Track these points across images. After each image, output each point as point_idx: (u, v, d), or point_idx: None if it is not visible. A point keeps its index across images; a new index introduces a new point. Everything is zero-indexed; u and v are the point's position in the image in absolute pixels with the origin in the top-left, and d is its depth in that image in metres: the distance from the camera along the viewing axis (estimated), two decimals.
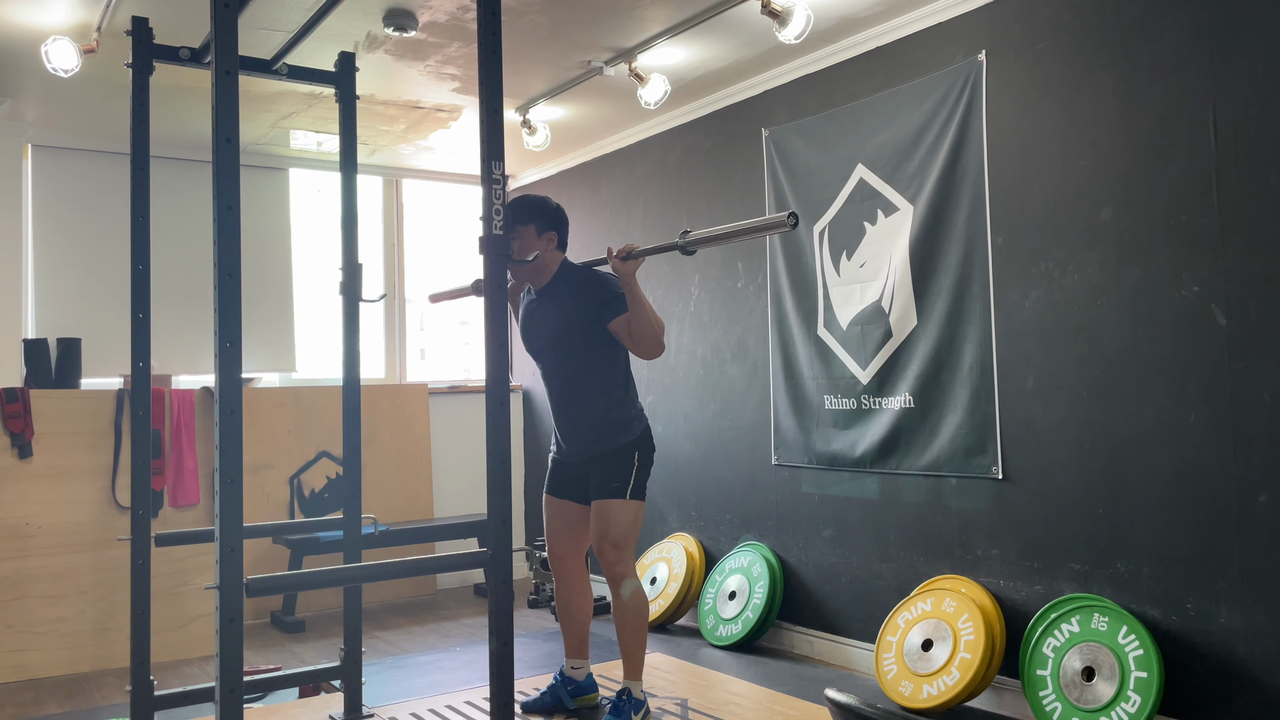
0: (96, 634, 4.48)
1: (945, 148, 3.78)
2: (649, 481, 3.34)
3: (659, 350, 3.14)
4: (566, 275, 3.26)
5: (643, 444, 3.25)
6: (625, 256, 3.03)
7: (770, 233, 2.76)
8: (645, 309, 3.09)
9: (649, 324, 3.09)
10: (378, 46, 4.12)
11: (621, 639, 3.18)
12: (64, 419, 4.56)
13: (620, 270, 3.05)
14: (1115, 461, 3.28)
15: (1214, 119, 3.03)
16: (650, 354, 3.15)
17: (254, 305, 5.60)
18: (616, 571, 3.15)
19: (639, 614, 3.16)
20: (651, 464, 3.29)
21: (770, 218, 2.71)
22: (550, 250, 3.23)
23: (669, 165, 5.24)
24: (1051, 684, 3.25)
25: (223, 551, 2.00)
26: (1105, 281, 3.30)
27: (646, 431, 3.29)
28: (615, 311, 3.14)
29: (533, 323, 3.32)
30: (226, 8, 2.07)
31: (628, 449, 3.21)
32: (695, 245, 2.94)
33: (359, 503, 3.26)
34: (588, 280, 3.22)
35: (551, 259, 3.25)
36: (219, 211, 2.04)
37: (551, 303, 3.25)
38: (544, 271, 3.25)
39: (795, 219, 2.62)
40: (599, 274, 3.24)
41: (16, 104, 4.80)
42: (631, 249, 3.04)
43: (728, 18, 3.88)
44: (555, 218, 3.25)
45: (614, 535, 3.15)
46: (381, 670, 4.25)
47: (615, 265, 3.05)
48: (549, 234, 3.22)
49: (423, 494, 5.97)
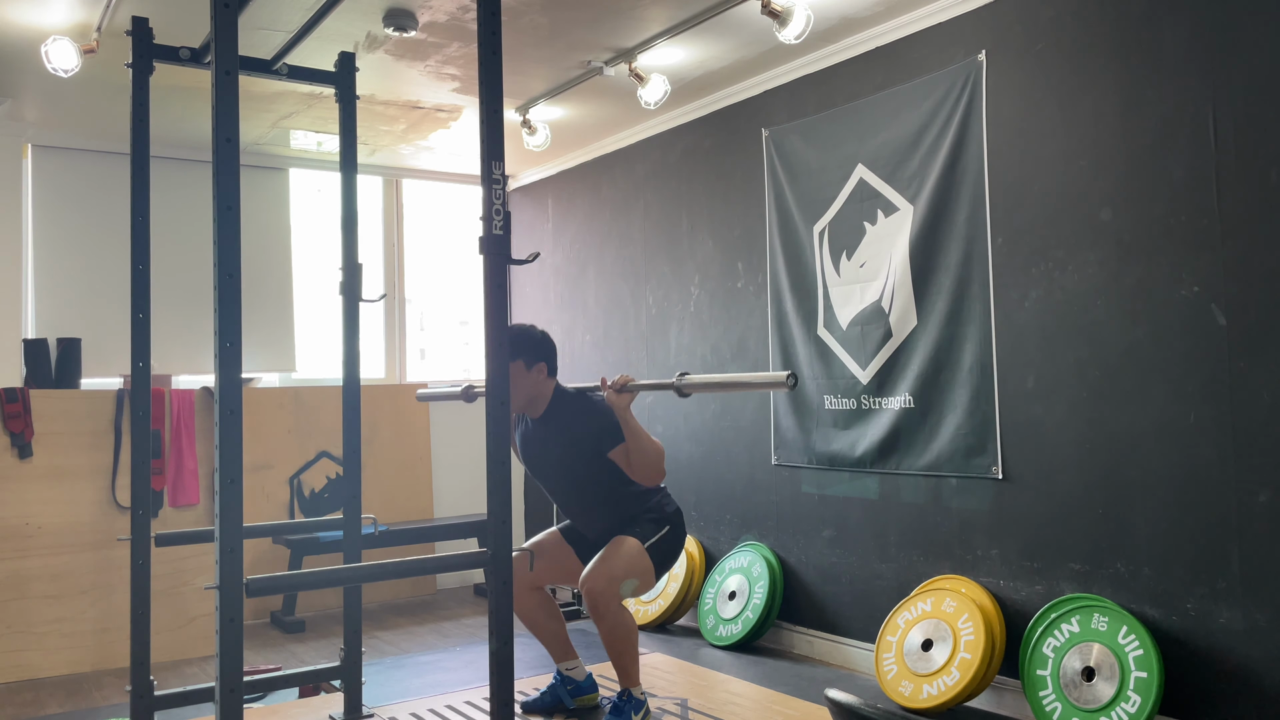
0: (96, 634, 4.48)
1: (945, 148, 3.78)
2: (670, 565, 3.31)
3: (659, 477, 3.14)
4: (561, 403, 3.25)
5: (674, 520, 3.27)
6: (620, 389, 3.04)
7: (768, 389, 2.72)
8: (642, 439, 3.08)
9: (646, 454, 3.08)
10: (378, 46, 4.12)
11: (611, 657, 3.16)
12: (64, 419, 4.55)
13: (614, 402, 3.05)
14: (1115, 461, 3.28)
15: (1214, 119, 3.03)
16: (650, 481, 3.14)
17: (254, 305, 5.60)
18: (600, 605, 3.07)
19: (625, 637, 3.13)
20: (680, 545, 3.27)
21: (771, 376, 2.67)
22: (543, 380, 3.22)
23: (669, 165, 5.24)
24: (1051, 684, 3.25)
25: (223, 551, 2.00)
26: (1105, 281, 3.30)
27: (678, 511, 3.30)
28: (613, 442, 3.13)
29: (532, 450, 3.31)
30: (226, 8, 2.07)
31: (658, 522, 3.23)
32: (690, 389, 2.91)
33: (359, 503, 3.26)
34: (583, 410, 3.21)
35: (544, 388, 3.23)
36: (219, 211, 2.04)
37: (549, 432, 3.25)
38: (539, 401, 3.24)
39: (795, 380, 2.57)
40: (594, 403, 3.22)
41: (16, 104, 4.80)
42: (626, 382, 3.04)
43: (728, 18, 3.88)
44: (542, 347, 3.22)
45: (614, 566, 3.10)
46: (381, 670, 4.25)
47: (610, 397, 3.06)
48: (539, 365, 3.20)
49: (423, 494, 5.97)
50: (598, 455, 3.16)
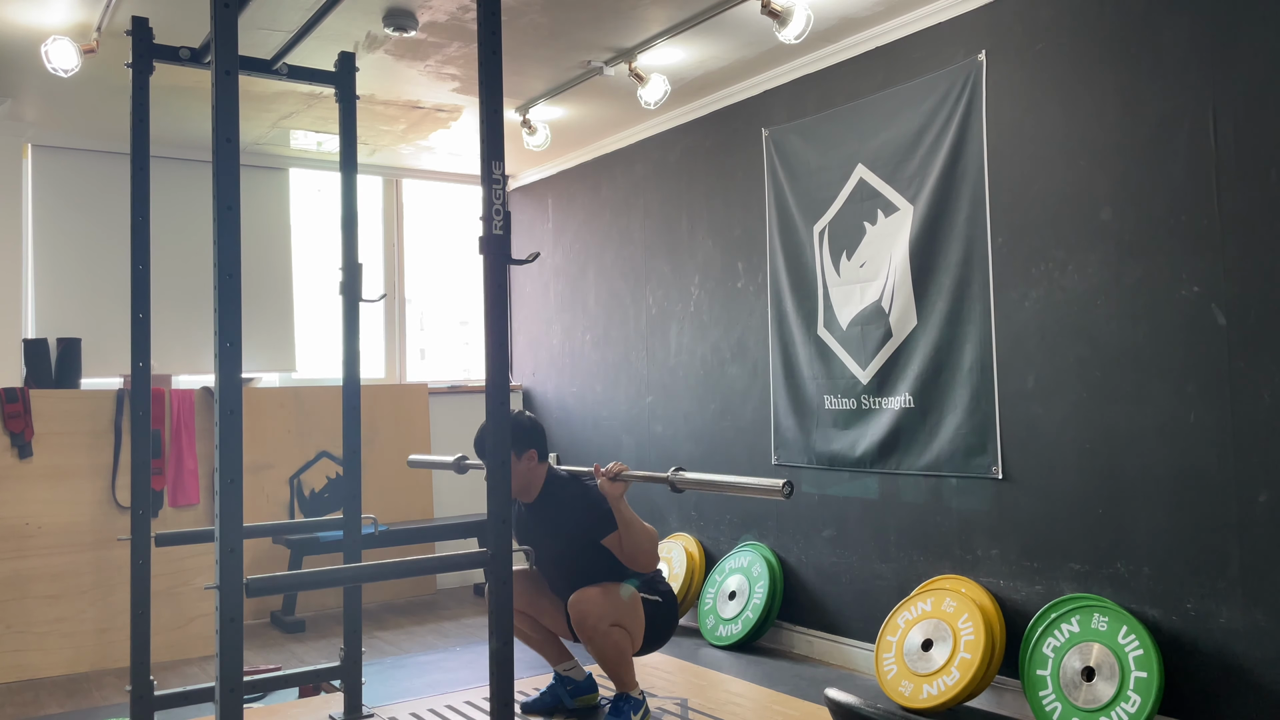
0: (96, 634, 4.48)
1: (945, 148, 3.78)
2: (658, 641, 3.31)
3: (652, 564, 3.16)
4: (554, 489, 3.27)
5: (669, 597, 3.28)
6: (613, 477, 3.05)
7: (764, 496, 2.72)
8: (635, 527, 3.10)
9: (638, 541, 3.11)
10: (378, 46, 4.12)
11: (606, 671, 3.17)
12: (64, 419, 4.55)
13: (607, 491, 3.07)
14: (1115, 461, 3.28)
15: (1214, 119, 3.03)
16: (644, 567, 3.16)
17: (254, 305, 5.60)
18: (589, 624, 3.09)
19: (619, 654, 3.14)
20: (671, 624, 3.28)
21: (766, 483, 2.63)
22: (533, 466, 3.23)
23: (669, 165, 5.23)
24: (1051, 684, 3.25)
25: (223, 551, 2.00)
26: (1105, 281, 3.30)
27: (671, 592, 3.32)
28: (607, 530, 3.14)
29: (526, 536, 3.32)
30: (226, 8, 2.07)
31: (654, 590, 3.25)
32: (684, 486, 2.90)
33: (359, 503, 3.27)
34: (576, 498, 3.22)
35: (536, 475, 3.25)
36: (219, 211, 2.04)
37: (543, 520, 3.27)
38: (531, 488, 3.26)
39: (790, 489, 2.54)
40: (586, 490, 3.23)
41: (16, 104, 4.80)
42: (619, 471, 3.05)
43: (728, 18, 3.88)
44: (530, 434, 3.22)
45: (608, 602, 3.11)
46: (381, 670, 4.25)
47: (603, 485, 3.07)
48: (528, 453, 3.21)
49: (423, 494, 5.97)
50: (591, 543, 3.17)
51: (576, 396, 5.97)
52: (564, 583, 3.29)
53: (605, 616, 3.07)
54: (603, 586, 3.13)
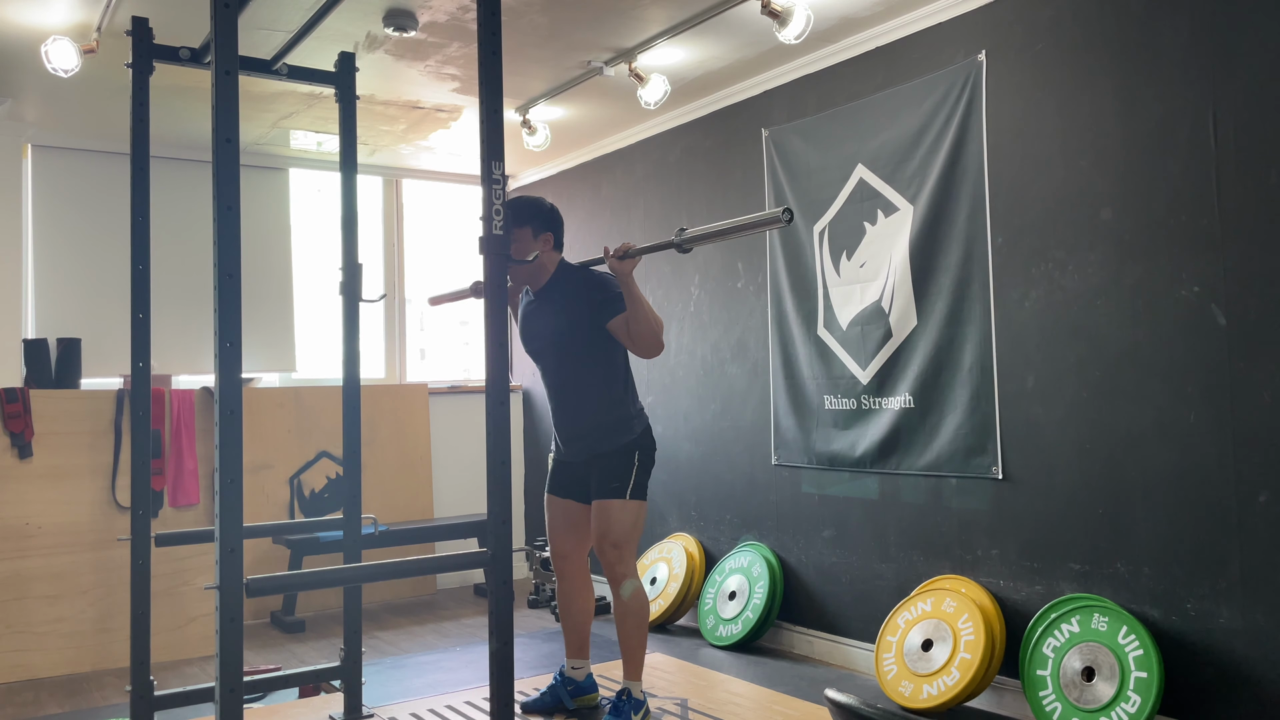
0: (96, 634, 4.48)
1: (945, 148, 3.78)
2: (650, 481, 3.34)
3: (658, 349, 3.15)
4: (564, 275, 3.26)
5: (643, 443, 3.25)
6: (622, 255, 3.04)
7: (766, 228, 2.78)
8: (644, 308, 3.09)
9: (648, 323, 3.09)
10: (378, 46, 4.12)
11: (622, 638, 3.18)
12: (64, 419, 4.56)
13: (617, 269, 3.05)
14: (1115, 462, 3.28)
15: (1214, 119, 3.03)
16: (650, 353, 3.15)
17: (254, 305, 5.59)
18: (617, 571, 3.15)
19: (639, 614, 3.16)
20: (652, 463, 3.28)
21: (766, 214, 2.70)
22: (547, 251, 3.23)
23: (669, 165, 5.24)
24: (1051, 684, 3.25)
25: (223, 551, 2.00)
26: (1105, 281, 3.30)
27: (647, 430, 3.29)
28: (614, 311, 3.14)
29: (532, 324, 3.32)
30: (226, 8, 2.07)
31: (628, 448, 3.21)
32: (691, 243, 2.94)
33: (359, 503, 3.26)
34: (586, 280, 3.22)
35: (549, 259, 3.25)
36: (219, 211, 2.04)
37: (550, 303, 3.25)
38: (542, 272, 3.25)
39: (790, 214, 2.62)
40: (597, 274, 3.24)
41: (16, 104, 4.80)
42: (628, 248, 3.04)
43: (728, 18, 3.88)
44: (550, 218, 3.25)
45: (614, 535, 3.15)
46: (381, 670, 4.25)
47: (612, 264, 3.05)
48: (545, 235, 3.22)
49: (423, 494, 5.97)
50: (596, 327, 3.16)
51: None
52: (558, 379, 3.27)
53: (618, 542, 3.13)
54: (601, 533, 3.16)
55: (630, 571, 3.16)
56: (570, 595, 3.38)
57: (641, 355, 3.17)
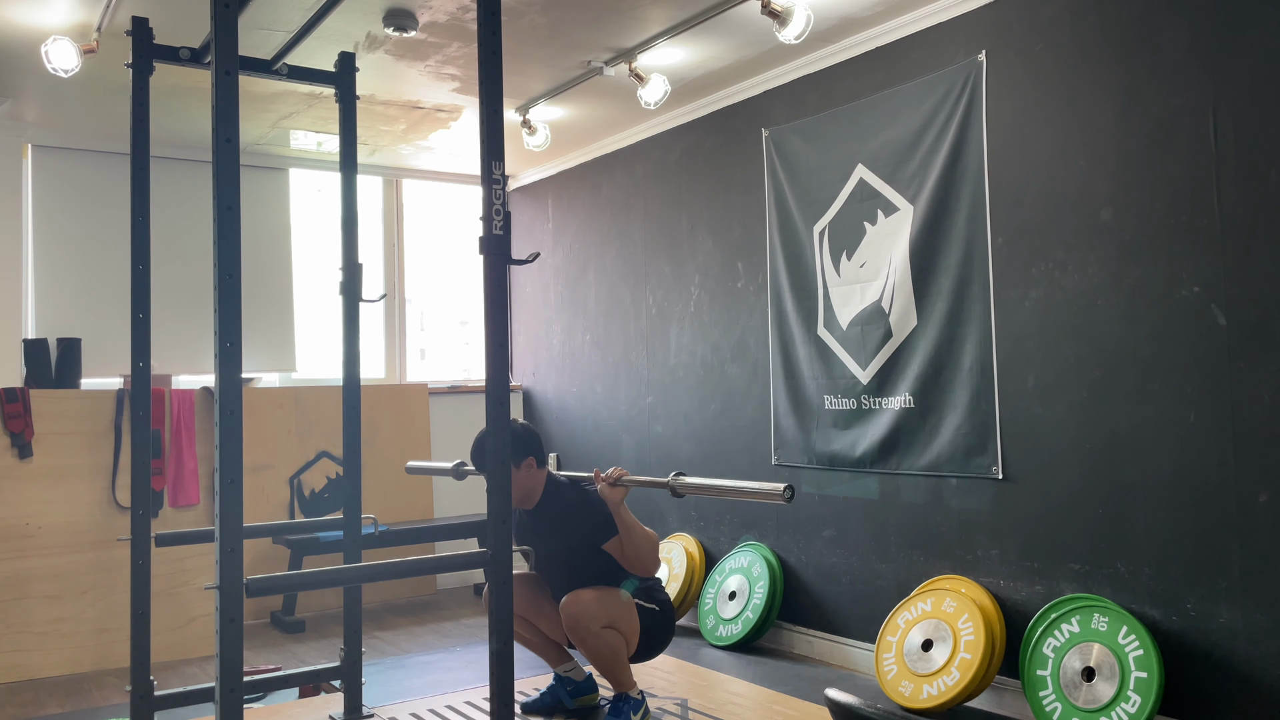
0: (96, 634, 4.48)
1: (945, 148, 3.78)
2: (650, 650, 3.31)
3: (654, 568, 3.17)
4: (554, 495, 3.25)
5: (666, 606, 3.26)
6: (613, 483, 3.05)
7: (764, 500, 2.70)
8: (635, 532, 3.11)
9: (639, 546, 3.11)
10: (378, 46, 4.12)
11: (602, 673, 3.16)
12: (64, 419, 4.55)
13: (607, 496, 3.07)
14: (1115, 461, 3.27)
15: (1214, 119, 3.03)
16: (644, 572, 3.16)
17: (254, 305, 5.60)
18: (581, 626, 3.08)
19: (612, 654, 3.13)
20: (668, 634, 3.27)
21: (767, 487, 2.59)
22: (532, 473, 3.22)
23: (669, 165, 5.23)
24: (1051, 684, 3.25)
25: (223, 551, 2.00)
26: (1105, 281, 3.30)
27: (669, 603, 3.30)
28: (607, 535, 3.14)
29: (527, 540, 3.32)
30: (226, 8, 2.07)
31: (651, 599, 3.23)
32: (684, 490, 2.88)
33: (359, 503, 3.26)
34: (577, 503, 3.21)
35: (535, 482, 3.23)
36: (219, 211, 2.04)
37: (543, 525, 3.26)
38: (531, 495, 3.24)
39: (791, 492, 2.50)
40: (587, 495, 3.22)
41: (16, 104, 4.80)
42: (619, 476, 3.05)
43: (728, 18, 3.88)
44: (525, 442, 3.20)
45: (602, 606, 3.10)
46: (381, 670, 4.25)
47: (603, 491, 3.08)
48: (526, 461, 3.19)
49: (423, 494, 5.97)
50: (592, 548, 3.17)
51: (576, 397, 5.97)
52: (565, 587, 3.28)
53: (597, 618, 3.07)
54: (596, 590, 3.13)
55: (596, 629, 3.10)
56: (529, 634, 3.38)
57: (634, 573, 3.18)
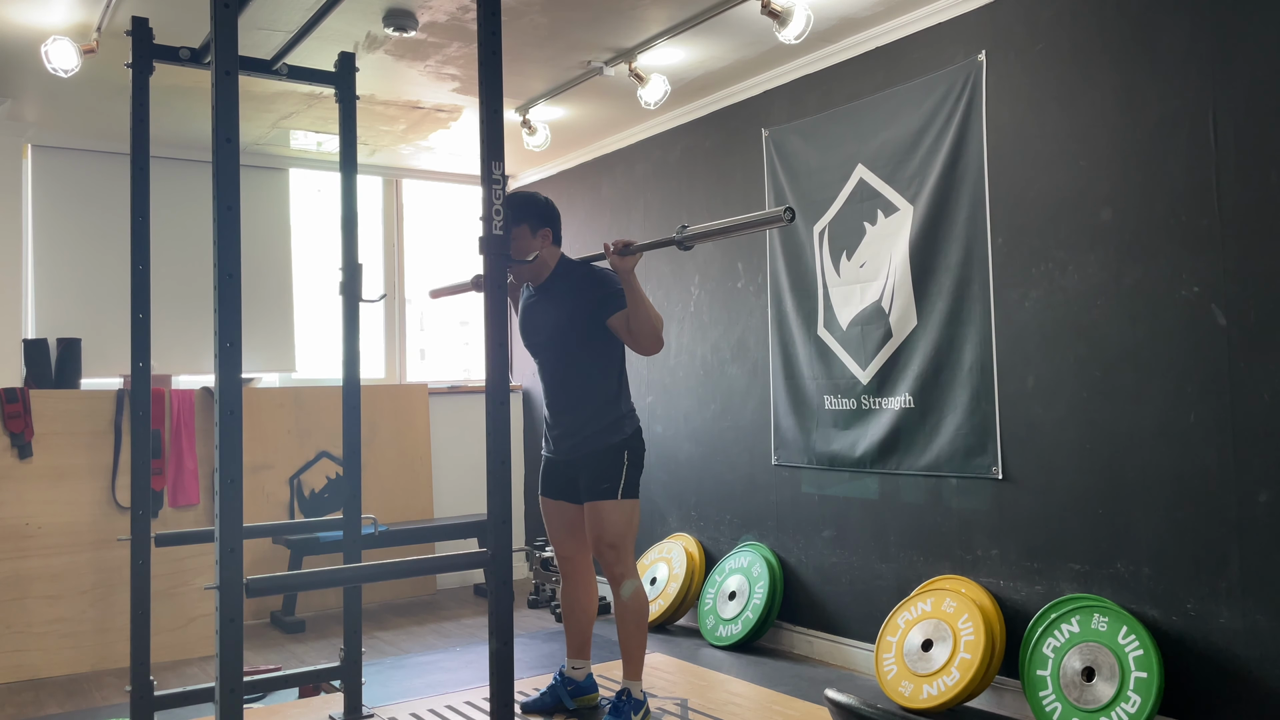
0: (96, 634, 4.48)
1: (945, 148, 3.78)
2: (651, 481, 3.33)
3: (658, 346, 3.15)
4: (565, 271, 3.26)
5: (633, 443, 3.24)
6: (623, 251, 3.03)
7: (767, 227, 2.79)
8: (644, 304, 3.09)
9: (648, 320, 3.08)
10: (378, 46, 4.12)
11: (622, 639, 3.18)
12: (64, 419, 4.55)
13: (618, 266, 3.04)
14: (1115, 461, 3.28)
15: (1214, 119, 3.03)
16: (650, 350, 3.14)
17: (254, 305, 5.60)
18: (615, 572, 3.15)
19: (639, 613, 3.16)
20: (643, 463, 3.28)
21: (767, 212, 2.70)
22: (547, 246, 3.23)
23: (669, 165, 5.23)
24: (1051, 684, 3.25)
25: (223, 551, 2.00)
26: (1105, 282, 3.30)
27: (638, 432, 3.29)
28: (615, 307, 3.13)
29: (532, 319, 3.31)
30: (226, 8, 2.07)
31: (617, 448, 3.20)
32: (692, 240, 2.94)
33: (359, 503, 3.26)
34: (586, 276, 3.22)
35: (549, 255, 3.24)
36: (219, 211, 2.04)
37: (551, 299, 3.25)
38: (542, 268, 3.24)
39: (792, 213, 2.61)
40: (597, 270, 3.24)
41: (16, 104, 4.80)
42: (629, 244, 3.03)
43: (728, 18, 3.88)
44: (547, 213, 3.23)
45: (609, 536, 3.15)
46: (381, 670, 4.25)
47: (613, 261, 3.04)
48: (543, 231, 3.21)
49: (423, 494, 5.97)
50: (597, 323, 3.15)
51: None
52: (554, 376, 3.27)
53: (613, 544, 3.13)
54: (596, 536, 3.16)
55: (629, 571, 3.16)
56: (574, 596, 3.38)
57: (641, 352, 3.16)
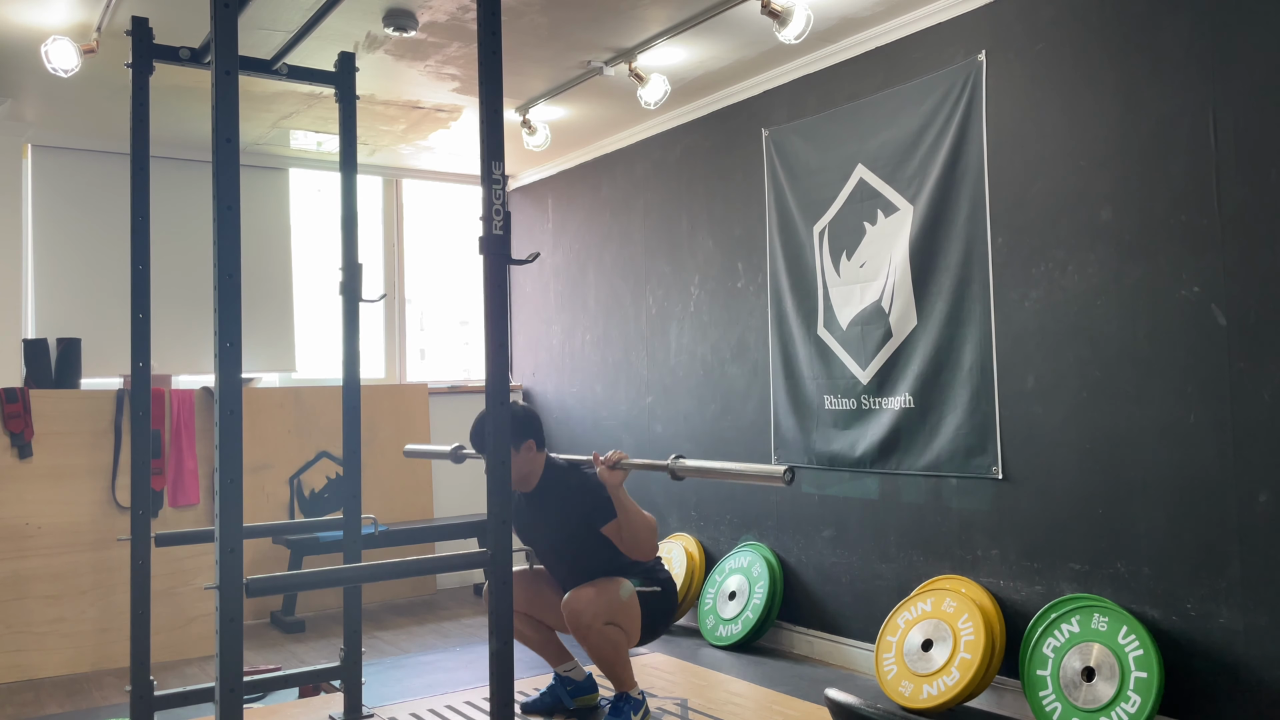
0: (96, 634, 4.48)
1: (945, 148, 3.78)
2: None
3: (651, 553, 3.16)
4: (553, 479, 3.26)
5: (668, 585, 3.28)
6: (612, 466, 3.04)
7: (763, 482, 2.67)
8: (633, 516, 3.10)
9: (638, 530, 3.10)
10: (378, 46, 4.12)
11: (603, 670, 3.18)
12: (64, 419, 4.55)
13: (606, 480, 3.06)
14: (1115, 461, 3.28)
15: (1214, 119, 3.03)
16: (643, 556, 3.15)
17: (254, 305, 5.60)
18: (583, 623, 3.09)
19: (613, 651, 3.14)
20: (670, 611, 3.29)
21: (767, 469, 2.55)
22: (532, 456, 3.22)
23: (669, 165, 5.23)
24: (1051, 684, 3.25)
25: (223, 551, 2.00)
26: (1105, 281, 3.30)
27: (671, 581, 3.31)
28: (606, 518, 3.13)
29: (526, 523, 3.32)
30: (226, 8, 2.07)
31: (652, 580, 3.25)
32: (683, 474, 2.84)
33: (359, 503, 3.26)
34: (576, 487, 3.22)
35: (534, 464, 3.23)
36: (219, 211, 2.04)
37: (542, 508, 3.26)
38: (530, 478, 3.24)
39: (791, 474, 2.46)
40: (586, 479, 3.23)
41: (16, 104, 4.80)
42: (619, 459, 3.04)
43: (728, 18, 3.88)
44: (525, 424, 3.20)
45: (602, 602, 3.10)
46: (381, 670, 4.25)
47: (602, 473, 3.07)
48: (526, 444, 3.19)
49: (423, 494, 5.97)
50: (591, 532, 3.17)
51: (576, 397, 5.98)
52: (564, 571, 3.29)
53: (600, 615, 3.07)
54: (597, 585, 3.13)
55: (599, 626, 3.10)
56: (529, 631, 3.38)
57: (632, 558, 3.17)
